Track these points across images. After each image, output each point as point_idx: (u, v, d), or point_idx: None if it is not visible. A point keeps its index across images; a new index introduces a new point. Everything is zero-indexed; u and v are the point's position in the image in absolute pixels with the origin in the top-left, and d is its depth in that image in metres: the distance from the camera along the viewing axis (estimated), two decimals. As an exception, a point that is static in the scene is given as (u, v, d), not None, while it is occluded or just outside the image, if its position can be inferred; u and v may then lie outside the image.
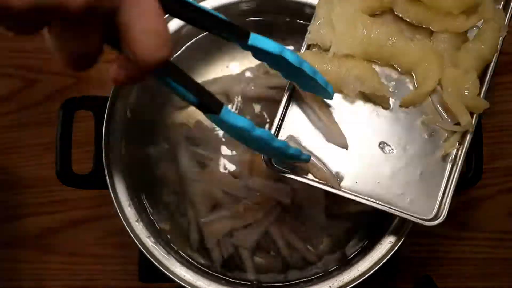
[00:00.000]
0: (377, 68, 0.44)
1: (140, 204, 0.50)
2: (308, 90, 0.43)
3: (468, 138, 0.44)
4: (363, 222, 0.52)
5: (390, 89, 0.44)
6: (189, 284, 0.47)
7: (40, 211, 0.61)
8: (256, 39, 0.36)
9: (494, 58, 0.44)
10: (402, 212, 0.43)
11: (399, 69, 0.45)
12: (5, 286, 0.61)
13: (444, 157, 0.44)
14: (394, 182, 0.44)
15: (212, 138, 0.53)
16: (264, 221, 0.52)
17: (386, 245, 0.47)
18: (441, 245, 0.61)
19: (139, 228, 0.47)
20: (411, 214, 0.43)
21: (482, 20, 0.44)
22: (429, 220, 0.43)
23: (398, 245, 0.47)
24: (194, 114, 0.53)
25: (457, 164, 0.44)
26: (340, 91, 0.44)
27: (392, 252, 0.47)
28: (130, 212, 0.48)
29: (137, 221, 0.47)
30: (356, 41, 0.43)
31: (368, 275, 0.46)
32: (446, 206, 0.43)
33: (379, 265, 0.47)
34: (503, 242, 0.61)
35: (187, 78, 0.33)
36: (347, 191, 0.43)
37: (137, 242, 0.47)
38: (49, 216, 0.61)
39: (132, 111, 0.51)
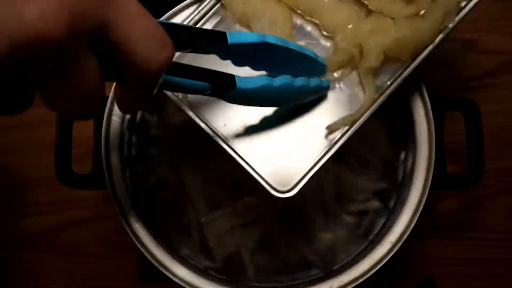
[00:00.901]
0: (303, 23, 0.42)
1: (140, 204, 0.50)
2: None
3: (355, 125, 0.42)
4: (363, 222, 0.52)
5: (300, 43, 0.42)
6: (189, 284, 0.46)
7: (40, 211, 0.61)
8: (234, 35, 0.34)
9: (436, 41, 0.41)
10: (256, 172, 0.41)
11: (322, 29, 0.43)
12: (5, 286, 0.61)
13: (327, 136, 0.42)
14: (267, 141, 0.42)
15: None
16: (265, 220, 0.52)
17: (386, 246, 0.47)
18: (442, 245, 0.61)
19: (139, 228, 0.47)
20: (264, 178, 0.41)
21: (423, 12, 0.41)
22: (279, 192, 0.41)
23: (399, 246, 0.47)
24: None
25: (333, 148, 0.42)
26: (248, 27, 0.42)
27: (393, 253, 0.47)
28: (130, 212, 0.48)
29: (137, 221, 0.47)
30: None
31: (368, 275, 0.46)
32: (300, 184, 0.41)
33: (380, 265, 0.46)
34: (504, 242, 0.61)
35: (189, 68, 0.31)
36: (208, 124, 0.41)
37: (137, 242, 0.47)
38: (49, 216, 0.61)
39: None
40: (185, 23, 0.44)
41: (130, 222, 0.47)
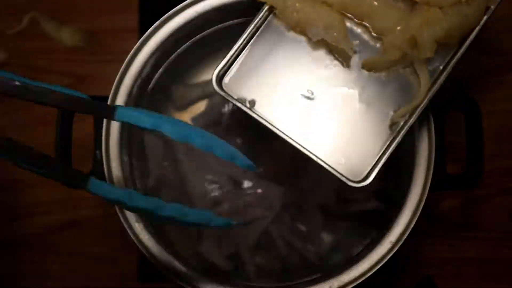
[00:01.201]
0: (352, 26, 0.45)
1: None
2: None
3: (417, 112, 0.44)
4: (363, 222, 0.52)
5: (353, 47, 0.44)
6: (189, 284, 0.46)
7: (40, 211, 0.61)
8: (123, 113, 0.31)
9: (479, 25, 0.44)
10: (327, 165, 0.43)
11: (372, 31, 0.45)
12: (5, 286, 0.61)
13: (391, 126, 0.45)
14: (332, 137, 0.44)
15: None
16: (264, 220, 0.52)
17: (386, 245, 0.47)
18: (442, 245, 0.61)
19: (139, 228, 0.47)
20: (337, 170, 0.43)
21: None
22: (354, 182, 0.43)
23: (399, 246, 0.47)
24: (194, 114, 0.53)
25: (398, 136, 0.44)
26: (305, 34, 0.44)
27: (393, 253, 0.47)
28: (130, 212, 0.48)
29: (137, 221, 0.47)
30: None
31: (368, 275, 0.46)
32: (374, 173, 0.43)
33: (379, 265, 0.46)
34: (503, 242, 0.61)
35: (35, 155, 0.29)
36: (275, 126, 0.43)
37: (137, 242, 0.47)
38: (49, 216, 0.61)
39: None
40: (244, 36, 0.44)
41: (130, 222, 0.47)
